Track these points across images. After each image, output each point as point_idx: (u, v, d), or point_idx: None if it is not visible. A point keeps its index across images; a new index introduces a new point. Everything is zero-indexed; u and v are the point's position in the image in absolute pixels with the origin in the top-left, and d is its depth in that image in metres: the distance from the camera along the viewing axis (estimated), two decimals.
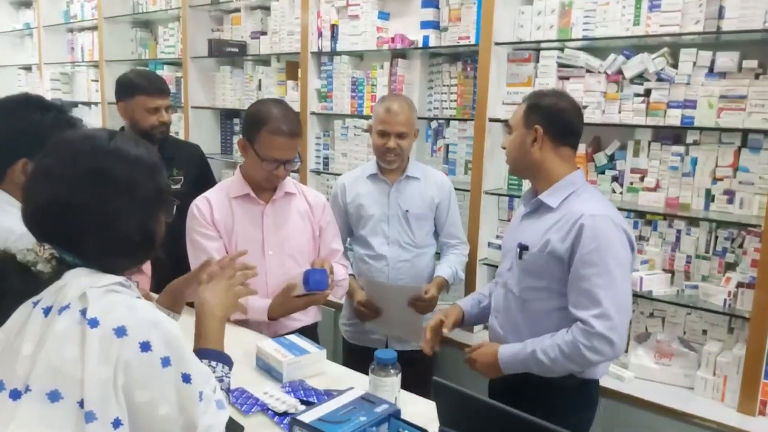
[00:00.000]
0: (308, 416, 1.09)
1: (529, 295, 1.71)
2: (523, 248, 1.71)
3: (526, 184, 2.59)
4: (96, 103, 4.70)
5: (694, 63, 2.15)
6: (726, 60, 2.08)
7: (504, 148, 1.81)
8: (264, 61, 3.60)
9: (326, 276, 1.82)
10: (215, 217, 1.92)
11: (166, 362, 0.93)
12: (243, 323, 1.91)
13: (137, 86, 2.41)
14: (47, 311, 0.91)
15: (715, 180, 2.18)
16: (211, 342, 1.23)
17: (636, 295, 2.26)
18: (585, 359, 1.58)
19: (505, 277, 1.80)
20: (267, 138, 1.82)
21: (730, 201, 2.15)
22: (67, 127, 1.50)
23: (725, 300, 2.08)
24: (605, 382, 2.18)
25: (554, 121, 1.69)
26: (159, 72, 4.18)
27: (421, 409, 1.45)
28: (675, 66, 2.20)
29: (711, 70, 2.13)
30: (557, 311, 1.67)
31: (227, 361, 1.22)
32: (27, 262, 0.95)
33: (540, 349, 1.62)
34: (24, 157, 1.46)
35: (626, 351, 2.35)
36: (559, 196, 1.68)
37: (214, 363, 1.20)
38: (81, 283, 0.93)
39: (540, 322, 1.69)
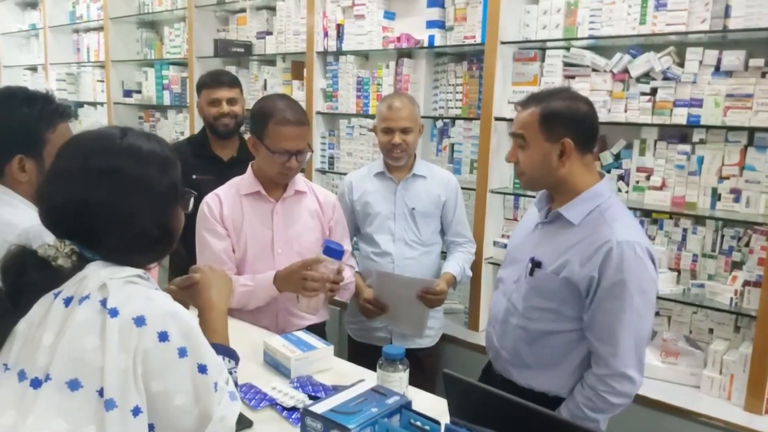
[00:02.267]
0: (320, 407, 1.09)
1: (534, 314, 1.58)
2: (536, 264, 1.55)
3: None
4: (102, 104, 4.72)
5: (701, 62, 2.15)
6: (732, 59, 2.09)
7: (513, 162, 1.60)
8: (269, 61, 3.61)
9: (342, 247, 1.81)
10: (224, 214, 1.92)
11: (182, 353, 0.94)
12: (247, 317, 1.92)
13: (200, 83, 2.60)
14: (68, 302, 0.92)
15: (721, 179, 2.18)
16: (217, 336, 1.23)
17: None
18: (609, 403, 1.48)
19: (510, 288, 1.66)
20: (275, 129, 1.82)
21: (737, 200, 2.15)
22: (56, 116, 1.49)
23: (731, 299, 2.07)
24: None
25: (580, 129, 1.50)
26: (164, 72, 4.20)
27: (428, 405, 1.45)
28: (681, 65, 2.20)
29: (717, 68, 2.13)
30: (560, 334, 1.55)
31: (234, 356, 1.22)
32: (48, 257, 0.96)
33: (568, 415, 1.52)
34: (18, 153, 1.44)
35: None
36: (582, 211, 1.51)
37: (220, 357, 1.20)
38: (101, 274, 0.94)
39: (540, 341, 1.58)
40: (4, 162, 1.45)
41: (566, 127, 1.48)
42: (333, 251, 1.76)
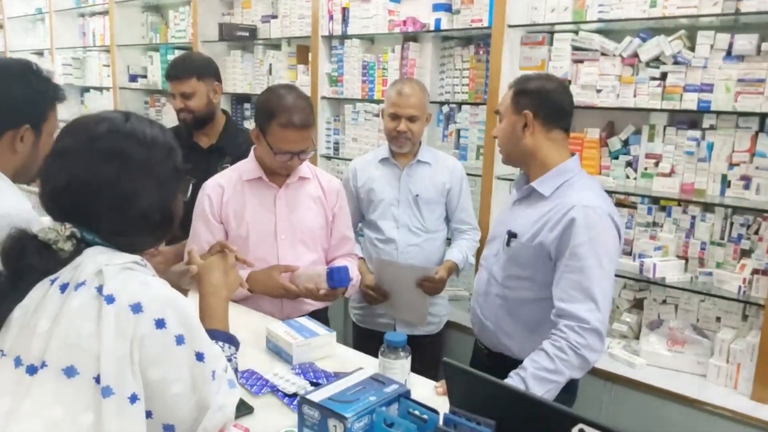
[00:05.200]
0: (317, 395, 1.08)
1: (512, 283, 1.69)
2: (511, 236, 1.68)
3: None
4: (107, 88, 4.71)
5: (712, 46, 2.11)
6: (744, 43, 2.04)
7: (495, 137, 1.77)
8: (275, 45, 3.59)
9: (348, 272, 1.81)
10: (224, 202, 1.90)
11: (180, 340, 0.93)
12: (250, 303, 1.91)
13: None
14: (64, 288, 0.92)
15: (731, 165, 2.14)
16: (217, 322, 1.23)
17: (649, 282, 2.25)
18: (583, 359, 1.47)
19: (491, 262, 1.78)
20: (278, 131, 1.78)
21: (747, 187, 2.11)
22: (56, 97, 1.47)
23: (740, 287, 2.05)
24: (616, 368, 2.17)
25: (542, 103, 1.64)
26: (170, 56, 4.16)
27: (430, 392, 1.45)
28: (692, 49, 2.16)
29: (729, 53, 2.09)
30: (537, 301, 1.65)
31: (234, 342, 1.22)
32: (48, 240, 0.95)
33: (533, 368, 1.45)
34: (25, 123, 1.40)
35: (638, 338, 2.34)
36: (553, 185, 1.64)
37: (221, 343, 1.19)
38: (97, 260, 0.94)
39: (518, 310, 1.69)
40: (8, 128, 1.40)
41: (529, 101, 1.65)
42: (334, 281, 1.78)
